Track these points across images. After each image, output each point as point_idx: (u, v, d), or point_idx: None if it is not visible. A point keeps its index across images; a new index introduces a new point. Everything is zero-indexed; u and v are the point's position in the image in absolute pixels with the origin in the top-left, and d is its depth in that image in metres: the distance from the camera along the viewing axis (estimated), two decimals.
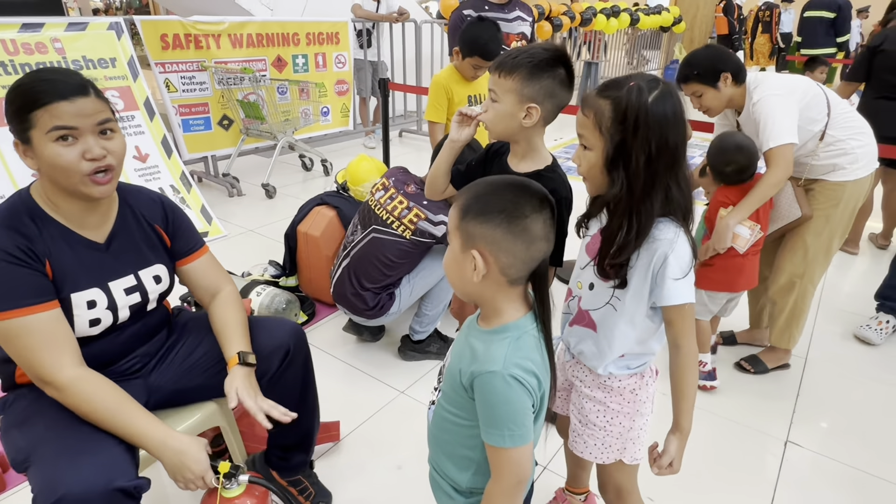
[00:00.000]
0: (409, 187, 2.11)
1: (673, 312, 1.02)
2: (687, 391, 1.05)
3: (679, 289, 0.99)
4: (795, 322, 2.13)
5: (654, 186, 0.95)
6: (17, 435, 1.10)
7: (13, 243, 1.06)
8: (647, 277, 1.00)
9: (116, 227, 1.22)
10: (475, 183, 0.90)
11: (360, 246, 2.12)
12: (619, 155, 0.95)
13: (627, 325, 1.06)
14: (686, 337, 1.03)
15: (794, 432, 1.94)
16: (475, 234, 0.85)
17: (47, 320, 1.06)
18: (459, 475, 0.98)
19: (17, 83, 1.07)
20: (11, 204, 1.12)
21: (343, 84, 5.17)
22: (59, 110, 1.04)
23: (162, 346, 1.34)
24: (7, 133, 3.09)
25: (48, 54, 3.10)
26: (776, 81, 1.86)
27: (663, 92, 0.93)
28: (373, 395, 2.08)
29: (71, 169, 1.06)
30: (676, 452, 1.08)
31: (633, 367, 1.12)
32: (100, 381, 1.10)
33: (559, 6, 7.68)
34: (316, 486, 1.57)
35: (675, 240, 0.97)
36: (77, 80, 1.09)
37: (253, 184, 4.30)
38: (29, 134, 1.05)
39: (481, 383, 0.86)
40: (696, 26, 11.49)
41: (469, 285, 0.88)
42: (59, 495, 0.94)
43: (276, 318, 1.46)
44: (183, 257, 1.34)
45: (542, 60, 1.25)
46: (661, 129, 0.92)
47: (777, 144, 1.79)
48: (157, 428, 1.10)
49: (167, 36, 3.86)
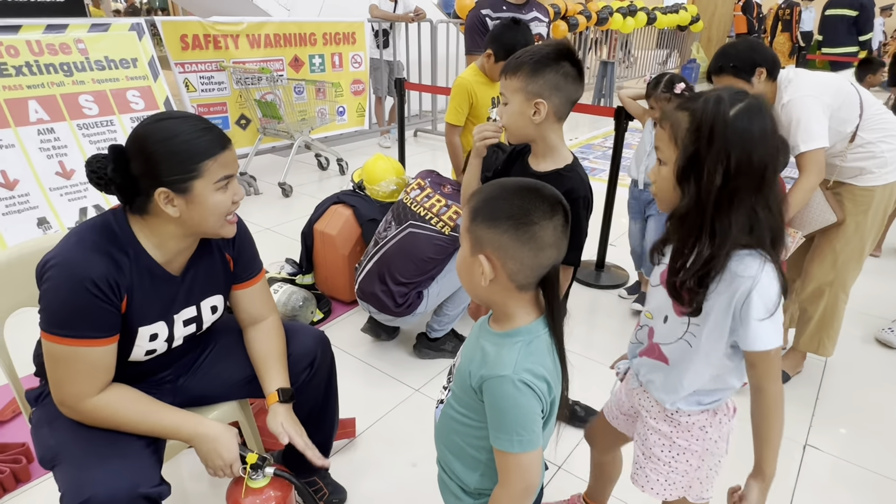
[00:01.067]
0: (446, 188, 2.17)
1: (757, 356, 0.93)
2: (771, 436, 0.97)
3: (765, 331, 0.90)
4: (826, 329, 2.08)
5: (731, 205, 0.87)
6: (47, 432, 1.12)
7: (102, 273, 1.03)
8: (727, 315, 0.92)
9: (193, 259, 1.21)
10: (489, 185, 0.89)
11: (395, 241, 2.13)
12: (692, 167, 0.88)
13: (702, 363, 0.99)
14: (771, 380, 0.95)
15: (813, 436, 1.91)
16: (483, 239, 0.84)
17: (97, 354, 1.06)
18: (467, 476, 0.98)
19: (169, 134, 1.03)
20: (107, 225, 1.09)
21: (359, 84, 5.20)
22: (226, 159, 1.07)
23: (195, 356, 1.35)
24: (30, 133, 3.14)
25: (72, 55, 3.16)
26: (809, 80, 1.80)
27: (749, 106, 0.86)
28: (388, 392, 2.09)
29: (223, 213, 1.10)
30: (757, 499, 0.98)
31: (704, 402, 1.04)
32: (118, 400, 1.09)
33: (575, 5, 7.64)
34: (330, 486, 1.59)
35: (759, 275, 0.88)
36: (214, 126, 1.09)
37: (270, 182, 4.34)
38: (191, 183, 1.04)
39: (491, 387, 0.85)
40: (714, 25, 11.37)
41: (479, 289, 0.88)
42: (86, 497, 0.96)
43: (301, 324, 1.47)
44: (240, 282, 1.32)
45: (544, 56, 1.29)
46: (742, 144, 0.85)
47: (809, 149, 1.74)
48: (188, 418, 1.13)
49: (187, 36, 3.92)
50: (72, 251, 1.04)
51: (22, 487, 1.63)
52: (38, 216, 2.93)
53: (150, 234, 1.11)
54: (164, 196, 1.05)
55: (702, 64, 10.88)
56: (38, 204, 2.94)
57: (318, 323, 2.51)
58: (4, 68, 2.91)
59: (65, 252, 1.04)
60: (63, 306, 1.03)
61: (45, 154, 3.01)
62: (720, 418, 1.07)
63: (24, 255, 1.25)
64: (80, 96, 3.18)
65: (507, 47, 2.22)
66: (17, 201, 2.87)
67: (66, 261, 1.03)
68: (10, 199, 2.85)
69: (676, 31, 10.80)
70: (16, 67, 2.95)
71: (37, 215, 2.93)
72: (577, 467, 1.74)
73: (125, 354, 1.14)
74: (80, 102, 3.18)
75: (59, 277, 1.02)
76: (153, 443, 1.13)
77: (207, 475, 1.67)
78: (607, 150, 5.60)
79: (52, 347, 1.04)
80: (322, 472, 1.59)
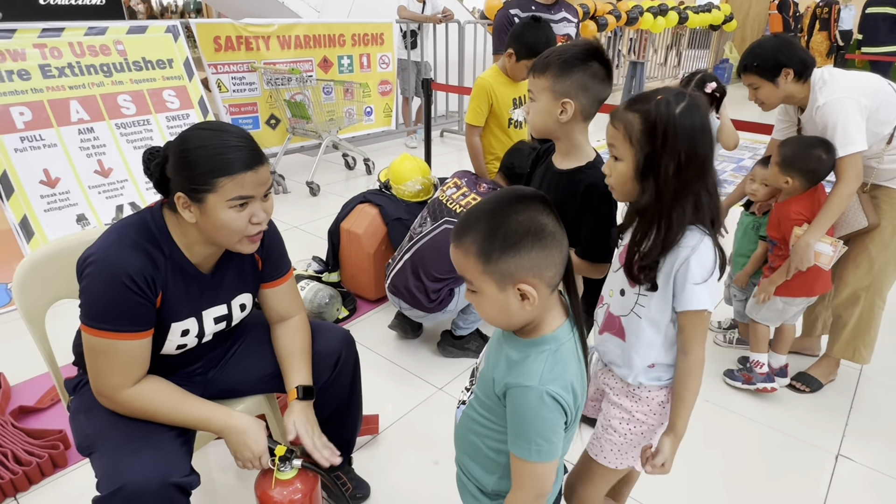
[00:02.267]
0: (482, 187, 2.19)
1: (687, 318, 1.03)
2: (687, 397, 1.06)
3: (698, 294, 0.99)
4: (862, 336, 2.02)
5: (684, 194, 0.98)
6: (84, 420, 1.17)
7: (139, 269, 1.07)
8: (668, 282, 1.01)
9: (223, 259, 1.24)
10: (467, 223, 0.85)
11: (431, 237, 2.16)
12: (650, 165, 0.98)
13: (653, 330, 1.07)
14: (695, 343, 1.04)
15: (846, 446, 1.86)
16: (511, 270, 0.82)
17: (134, 347, 1.10)
18: (485, 477, 0.98)
19: (196, 144, 1.06)
20: (144, 223, 1.13)
21: (386, 84, 5.24)
22: (245, 180, 1.06)
23: (224, 350, 1.39)
24: (71, 133, 3.24)
25: (111, 56, 3.26)
26: (846, 81, 1.74)
27: (690, 104, 0.96)
28: (411, 390, 2.11)
29: (238, 232, 1.10)
30: (669, 453, 1.08)
31: (664, 379, 1.11)
32: (152, 391, 1.13)
33: (605, 5, 7.56)
34: (354, 480, 1.61)
35: (699, 245, 0.99)
36: (253, 145, 1.09)
37: (298, 181, 4.41)
38: (204, 196, 1.06)
39: (515, 396, 0.85)
40: (748, 24, 11.10)
41: (518, 316, 0.86)
42: (121, 484, 1.00)
43: (327, 323, 1.50)
44: (268, 281, 1.35)
45: (573, 56, 1.29)
46: (690, 140, 0.95)
47: (847, 153, 1.69)
48: (218, 410, 1.16)
49: (220, 38, 4.01)
50: (111, 248, 1.08)
51: (59, 472, 1.69)
52: (77, 213, 3.03)
53: (182, 234, 1.15)
54: (182, 201, 1.08)
55: (734, 64, 10.64)
56: (77, 201, 3.04)
57: (343, 320, 2.54)
58: (48, 70, 3.02)
59: (104, 248, 1.08)
60: (102, 300, 1.07)
61: (85, 153, 3.11)
62: None
63: (64, 248, 1.31)
64: (118, 96, 3.28)
65: (528, 46, 2.22)
66: (58, 198, 2.98)
67: (105, 257, 1.07)
68: (51, 197, 2.95)
69: (707, 31, 10.58)
70: (59, 69, 3.06)
71: (76, 212, 3.03)
72: None
73: (157, 348, 1.18)
74: (119, 102, 3.28)
75: (98, 273, 1.06)
76: (183, 434, 1.17)
77: (235, 467, 1.72)
78: None
79: (92, 340, 1.08)
80: (346, 466, 1.61)
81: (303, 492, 1.14)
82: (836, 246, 1.79)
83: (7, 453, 1.65)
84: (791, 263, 1.83)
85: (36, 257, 1.28)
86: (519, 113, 2.49)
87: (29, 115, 2.93)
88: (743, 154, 5.20)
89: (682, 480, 1.65)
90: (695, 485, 1.68)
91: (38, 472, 1.64)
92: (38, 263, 1.28)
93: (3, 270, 2.68)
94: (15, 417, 1.85)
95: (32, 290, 1.27)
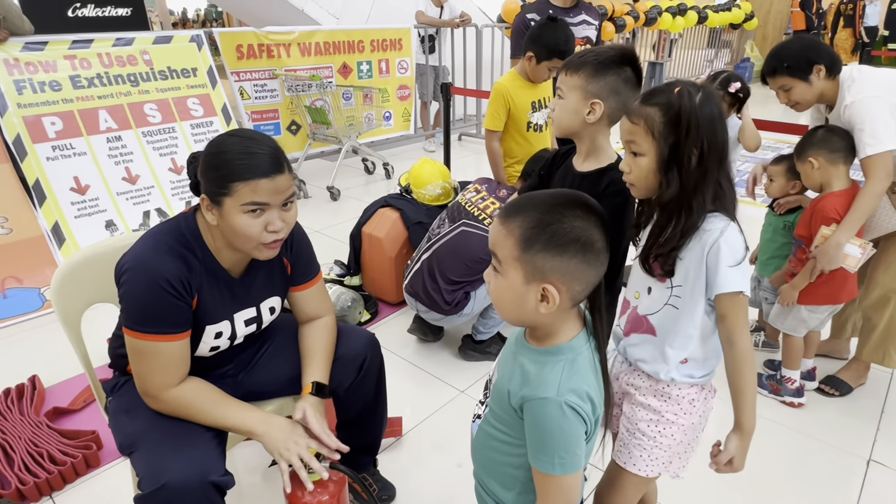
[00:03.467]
0: (501, 192, 2.22)
1: (726, 303, 1.01)
2: (745, 389, 1.03)
3: (733, 276, 0.98)
4: (892, 339, 1.97)
5: (705, 182, 0.99)
6: (125, 420, 1.20)
7: (176, 273, 1.11)
8: (701, 267, 1.00)
9: (252, 263, 1.27)
10: (523, 206, 0.85)
11: (447, 238, 2.17)
12: (673, 156, 0.98)
13: (688, 322, 1.05)
14: (740, 333, 1.02)
15: (877, 451, 1.82)
16: (546, 268, 0.81)
17: (175, 348, 1.14)
18: (504, 494, 0.96)
19: (220, 148, 1.09)
20: (178, 228, 1.17)
21: (405, 89, 5.27)
22: (260, 187, 1.08)
23: (253, 352, 1.42)
24: (100, 141, 3.32)
25: (138, 66, 3.35)
26: (874, 79, 1.72)
27: (706, 94, 0.98)
28: (434, 393, 2.12)
29: (253, 238, 1.12)
30: (737, 451, 1.05)
31: (696, 376, 1.09)
32: (195, 391, 1.17)
33: (623, 6, 7.51)
34: (380, 482, 1.63)
35: (726, 229, 0.99)
36: (275, 153, 1.11)
37: (318, 186, 4.46)
38: (222, 199, 1.09)
39: (533, 408, 0.83)
40: (770, 22, 10.92)
41: (530, 315, 0.85)
42: (163, 482, 1.03)
43: (353, 326, 1.51)
44: (297, 285, 1.37)
45: (609, 58, 1.30)
46: (711, 128, 0.97)
47: (876, 152, 1.66)
48: (256, 413, 1.19)
49: (242, 46, 4.08)
50: (148, 253, 1.12)
51: (92, 472, 1.74)
52: (106, 219, 3.11)
53: (212, 239, 1.18)
54: (206, 203, 1.12)
55: (756, 63, 10.47)
56: (106, 207, 3.12)
57: (365, 323, 2.56)
58: (78, 80, 3.11)
59: (142, 254, 1.12)
60: (142, 305, 1.10)
61: (113, 161, 3.19)
62: (706, 394, 1.12)
63: (98, 254, 1.35)
64: (144, 105, 3.36)
65: (548, 46, 2.21)
66: (88, 205, 3.06)
67: (141, 262, 1.11)
68: (81, 203, 3.04)
69: (728, 29, 10.43)
70: (88, 79, 3.15)
71: (105, 218, 3.11)
72: None
73: (192, 350, 1.21)
74: (145, 111, 3.36)
75: (136, 278, 1.10)
76: (218, 435, 1.19)
77: (262, 468, 1.75)
78: None
79: (135, 343, 1.12)
80: (371, 468, 1.63)
81: (331, 493, 1.16)
82: (865, 248, 1.75)
83: (43, 453, 1.70)
84: (816, 265, 1.79)
85: (72, 262, 1.32)
86: (539, 116, 2.48)
87: (60, 125, 3.02)
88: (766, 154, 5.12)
89: (709, 486, 1.63)
90: (721, 491, 1.66)
91: (72, 471, 1.69)
92: (74, 268, 1.32)
93: (36, 276, 2.75)
94: (49, 418, 1.90)
95: (69, 295, 1.31)
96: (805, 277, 1.85)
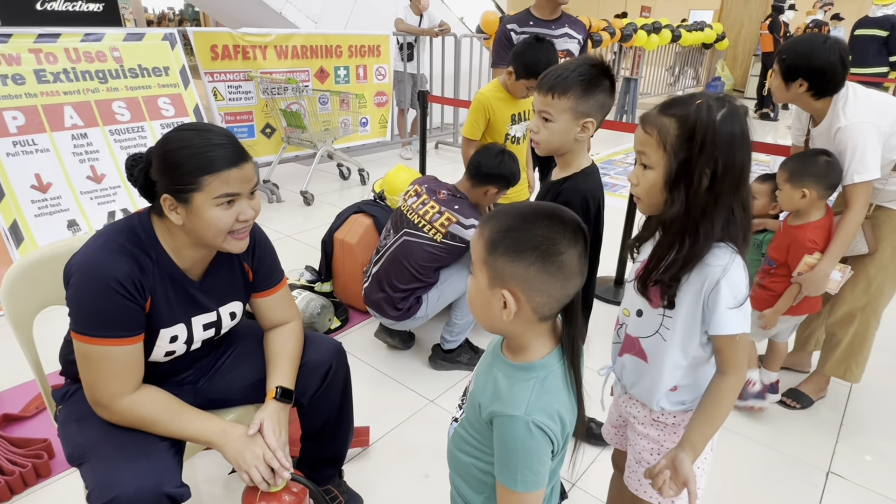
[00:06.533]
0: (441, 194, 2.16)
1: (724, 342, 0.96)
2: (716, 417, 0.98)
3: (733, 318, 0.93)
4: (855, 355, 2.03)
5: (716, 207, 0.91)
6: (75, 430, 1.15)
7: (128, 274, 1.06)
8: (698, 303, 0.95)
9: (212, 266, 1.24)
10: (500, 212, 0.84)
11: (392, 249, 2.17)
12: (683, 173, 0.91)
13: (678, 354, 1.01)
14: (735, 367, 0.97)
15: (836, 463, 1.86)
16: (505, 273, 0.79)
17: (127, 353, 1.09)
18: (474, 497, 0.96)
19: (180, 144, 1.06)
20: (131, 228, 1.13)
21: (382, 96, 5.26)
22: (231, 177, 1.06)
23: (214, 359, 1.37)
24: (64, 138, 3.21)
25: (107, 62, 3.26)
26: (870, 105, 1.72)
27: (731, 110, 0.90)
28: (402, 402, 2.09)
29: (225, 230, 1.10)
30: (690, 471, 0.96)
31: (687, 402, 1.06)
32: (150, 400, 1.12)
33: (599, 22, 7.65)
34: (346, 493, 1.59)
35: (729, 266, 0.92)
36: (236, 142, 1.10)
37: (292, 191, 4.40)
38: (191, 195, 1.05)
39: (501, 424, 0.83)
40: (741, 43, 11.27)
41: (497, 322, 0.83)
42: (114, 495, 0.98)
43: (318, 334, 1.48)
44: (260, 291, 1.34)
45: (594, 76, 1.32)
46: (728, 148, 0.89)
47: (863, 180, 1.68)
48: (214, 423, 1.15)
49: (217, 47, 4.02)
50: (98, 253, 1.07)
51: (41, 483, 1.66)
52: (68, 218, 3.01)
53: (170, 239, 1.14)
54: (169, 203, 1.08)
55: (727, 82, 10.77)
56: (68, 206, 3.02)
57: (335, 331, 2.53)
58: (43, 74, 3.01)
59: (91, 254, 1.07)
60: (90, 306, 1.05)
61: (78, 158, 3.09)
62: None
63: (54, 254, 1.29)
64: (113, 103, 3.27)
65: (527, 66, 2.22)
66: (49, 203, 2.95)
67: (91, 262, 1.06)
68: (42, 202, 2.93)
69: (699, 49, 10.73)
70: (54, 74, 3.05)
71: (67, 217, 3.01)
72: (593, 486, 1.71)
73: (146, 355, 1.16)
74: (114, 109, 3.27)
75: (85, 278, 1.05)
76: (175, 444, 1.15)
77: (222, 478, 1.70)
78: (628, 167, 5.57)
79: (83, 347, 1.07)
80: (337, 479, 1.59)
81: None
82: (845, 272, 1.81)
83: None
84: (802, 291, 1.83)
85: (25, 263, 1.26)
86: (518, 129, 2.49)
87: (22, 120, 2.91)
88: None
89: None
90: None
91: (20, 482, 1.61)
92: (27, 269, 1.26)
93: None
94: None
95: (21, 296, 1.25)
96: (788, 301, 1.89)
